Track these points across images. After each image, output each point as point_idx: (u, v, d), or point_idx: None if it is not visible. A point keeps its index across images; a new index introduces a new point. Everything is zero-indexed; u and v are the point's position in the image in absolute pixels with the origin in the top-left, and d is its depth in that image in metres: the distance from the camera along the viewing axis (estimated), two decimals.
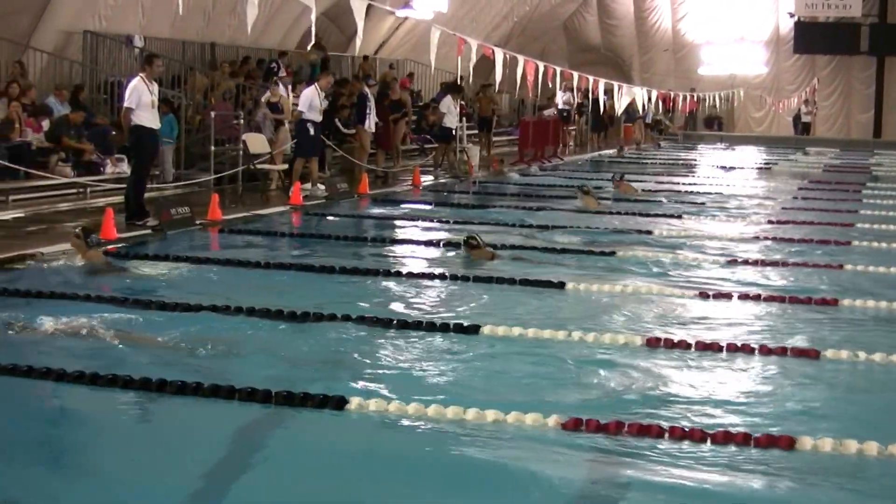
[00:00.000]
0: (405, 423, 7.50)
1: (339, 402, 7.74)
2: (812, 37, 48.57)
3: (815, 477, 6.72)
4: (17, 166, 17.46)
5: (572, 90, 37.28)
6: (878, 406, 8.40)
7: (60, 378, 8.22)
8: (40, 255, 13.11)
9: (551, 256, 14.47)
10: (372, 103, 24.06)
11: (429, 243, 15.43)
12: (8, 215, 16.18)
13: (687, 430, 7.37)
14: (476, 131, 32.88)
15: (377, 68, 33.51)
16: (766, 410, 8.10)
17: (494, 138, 35.28)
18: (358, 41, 20.69)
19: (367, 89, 24.24)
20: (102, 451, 6.92)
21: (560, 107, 37.00)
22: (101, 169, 19.35)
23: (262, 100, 21.78)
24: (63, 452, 6.84)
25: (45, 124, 19.22)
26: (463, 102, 30.13)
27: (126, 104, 15.91)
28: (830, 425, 7.68)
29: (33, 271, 12.51)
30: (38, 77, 21.58)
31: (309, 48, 25.67)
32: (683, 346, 9.71)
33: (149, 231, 15.31)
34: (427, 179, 24.91)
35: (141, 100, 15.81)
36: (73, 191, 18.65)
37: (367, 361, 9.15)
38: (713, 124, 51.54)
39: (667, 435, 7.30)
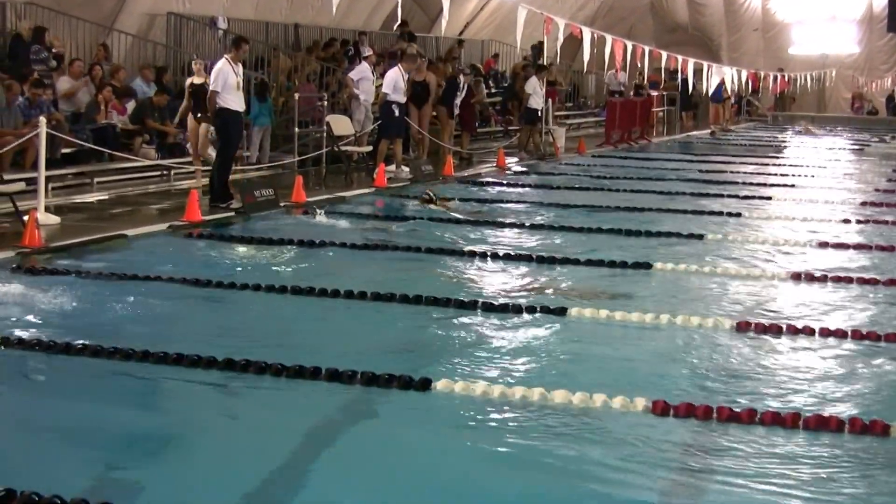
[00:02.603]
0: (491, 405, 7.40)
1: (425, 384, 7.66)
2: None
3: None
4: (102, 148, 17.55)
5: (626, 70, 36.53)
6: None
7: (144, 358, 8.21)
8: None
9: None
10: (462, 90, 24.06)
11: (511, 224, 15.30)
12: (93, 197, 16.27)
13: (780, 414, 7.20)
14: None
15: (462, 51, 33.34)
16: (860, 396, 7.92)
17: (581, 120, 35.05)
18: (444, 22, 20.61)
19: (462, 77, 24.17)
20: (187, 433, 6.89)
21: (613, 88, 36.36)
22: (185, 151, 19.40)
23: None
24: (145, 434, 6.81)
25: (130, 106, 19.30)
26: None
27: (212, 87, 15.96)
28: None
29: (119, 252, 12.55)
30: (123, 59, 21.70)
31: (396, 27, 25.61)
32: (774, 329, 9.51)
33: (233, 213, 15.31)
34: (512, 161, 24.74)
35: (227, 82, 15.85)
36: (157, 173, 18.72)
37: (453, 343, 9.10)
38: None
39: (758, 419, 7.14)
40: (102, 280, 10.99)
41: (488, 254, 13.02)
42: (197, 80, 18.83)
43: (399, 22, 21.72)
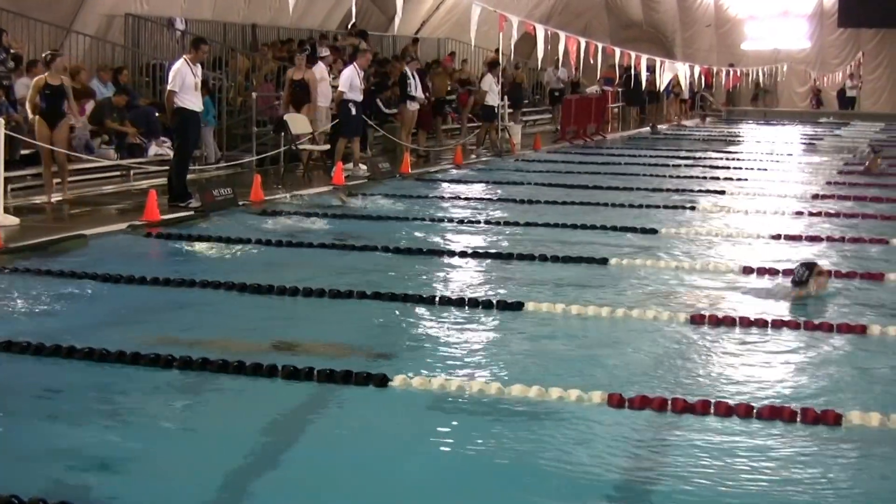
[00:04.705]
0: (448, 399, 7.51)
1: (382, 380, 7.75)
2: (856, 10, 48.02)
3: (863, 452, 6.70)
4: (61, 150, 17.51)
5: (566, 67, 36.45)
6: None
7: (102, 358, 8.27)
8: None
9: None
10: (415, 82, 24.02)
11: (470, 221, 15.44)
12: (52, 198, 16.25)
13: (734, 405, 7.33)
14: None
15: (418, 50, 33.38)
16: (813, 386, 8.05)
17: (537, 116, 35.23)
18: (397, 20, 20.73)
19: (407, 68, 24.21)
20: (146, 432, 6.92)
21: (553, 86, 36.29)
22: (144, 151, 19.42)
23: (288, 76, 21.34)
24: (102, 434, 6.83)
25: (89, 107, 19.28)
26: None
27: (170, 86, 16.03)
28: (878, 400, 7.65)
29: (78, 252, 12.60)
30: (81, 61, 21.63)
31: (349, 27, 25.66)
32: (728, 322, 9.68)
33: (191, 213, 15.37)
34: (469, 158, 24.87)
35: (185, 82, 15.91)
36: (117, 173, 18.72)
37: (410, 339, 9.22)
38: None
39: (712, 410, 7.27)
40: (61, 280, 11.04)
41: (445, 250, 13.15)
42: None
43: (352, 22, 21.79)
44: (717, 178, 21.55)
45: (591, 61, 30.80)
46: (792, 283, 10.72)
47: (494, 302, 10.25)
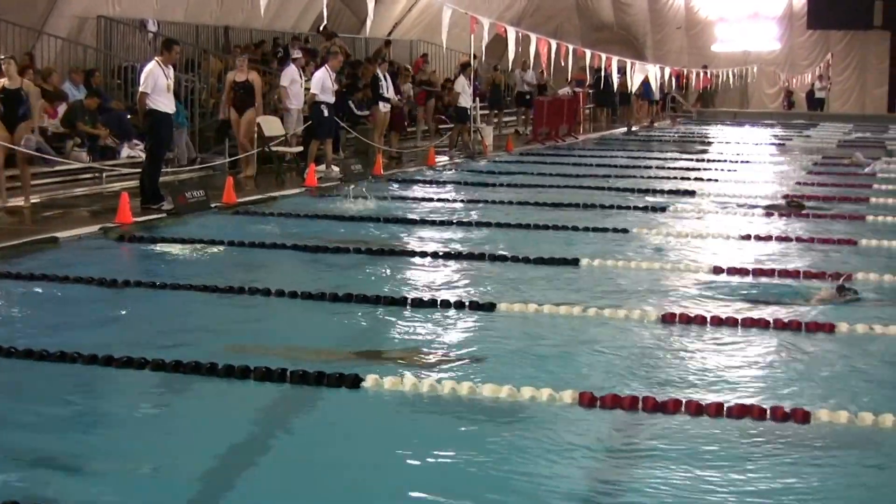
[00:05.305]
0: (420, 400, 7.56)
1: (355, 381, 7.79)
2: (825, 12, 48.30)
3: (831, 450, 6.76)
4: (33, 152, 17.47)
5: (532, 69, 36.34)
6: (893, 378, 8.43)
7: (75, 360, 8.30)
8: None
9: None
10: (387, 83, 24.06)
11: (442, 222, 15.49)
12: (24, 201, 16.21)
13: (704, 404, 7.40)
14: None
15: (390, 52, 33.41)
16: (782, 385, 8.12)
17: (510, 118, 35.30)
18: (368, 22, 20.73)
19: (378, 70, 24.25)
20: (120, 434, 6.94)
21: (522, 89, 36.30)
22: (117, 154, 19.40)
23: (230, 79, 20.95)
24: (77, 436, 6.86)
25: (61, 110, 19.26)
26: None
27: (142, 88, 16.03)
28: (846, 398, 7.72)
29: (50, 255, 12.59)
30: (53, 63, 21.59)
31: (320, 29, 25.63)
32: (699, 321, 9.76)
33: (164, 215, 15.37)
34: (442, 160, 24.94)
35: (157, 84, 15.92)
36: (89, 176, 18.69)
37: (383, 340, 9.26)
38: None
39: (683, 409, 7.34)
40: (32, 282, 11.05)
41: (418, 251, 13.19)
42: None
43: (323, 24, 21.76)
44: (688, 179, 21.65)
45: (563, 63, 30.85)
46: (837, 290, 10.73)
47: (467, 303, 10.30)
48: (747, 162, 26.64)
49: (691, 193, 19.44)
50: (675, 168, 24.17)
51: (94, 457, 6.48)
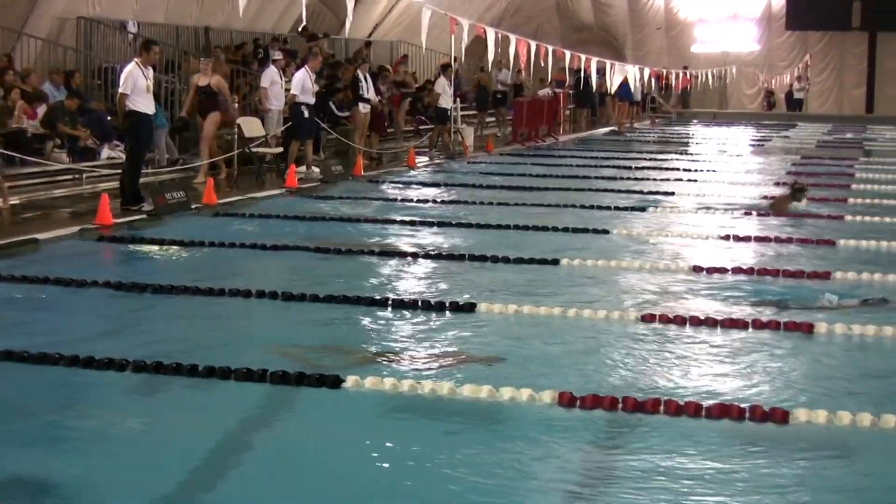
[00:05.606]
0: (401, 400, 7.57)
1: (335, 381, 7.81)
2: (804, 13, 48.59)
3: (810, 450, 6.78)
4: (12, 153, 17.47)
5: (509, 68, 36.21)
6: (871, 378, 8.46)
7: (56, 362, 8.28)
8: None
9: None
10: (367, 84, 24.07)
11: (422, 223, 15.51)
12: (3, 202, 16.17)
13: (684, 404, 7.43)
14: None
15: (370, 53, 33.43)
16: (762, 384, 8.15)
17: (490, 119, 35.36)
18: (348, 23, 20.77)
19: (359, 71, 24.26)
20: (101, 436, 6.93)
21: (496, 88, 36.27)
22: (97, 155, 19.37)
23: (193, 81, 20.85)
24: (58, 437, 6.85)
25: (41, 111, 19.22)
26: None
27: (121, 89, 16.01)
28: (823, 398, 7.76)
29: (30, 256, 12.58)
30: (33, 64, 21.57)
31: (299, 30, 25.61)
32: (678, 321, 9.80)
33: (144, 216, 15.36)
34: (422, 161, 24.97)
35: (136, 85, 15.91)
36: (69, 177, 18.66)
37: (363, 341, 9.26)
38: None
39: (662, 409, 7.36)
40: (12, 284, 11.03)
41: (398, 251, 13.21)
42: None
43: (302, 25, 21.75)
44: (668, 180, 21.73)
45: (542, 64, 30.91)
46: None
47: (447, 303, 10.33)
48: (727, 162, 26.72)
49: (671, 194, 19.51)
50: (655, 168, 24.28)
51: (76, 456, 6.48)
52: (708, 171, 24.32)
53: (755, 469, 6.48)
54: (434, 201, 18.16)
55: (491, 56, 26.79)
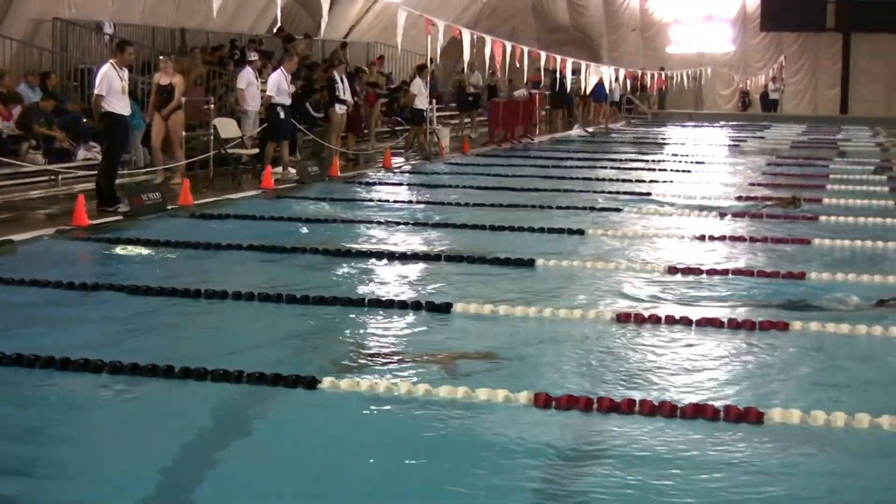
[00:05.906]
0: (377, 401, 7.57)
1: (311, 382, 7.81)
2: (778, 14, 48.90)
3: (785, 450, 6.82)
4: None
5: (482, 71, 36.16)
6: (845, 376, 8.53)
7: (32, 363, 8.26)
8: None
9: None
10: (342, 84, 24.04)
11: (398, 223, 15.53)
12: None
13: (658, 404, 7.46)
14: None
15: (346, 53, 33.42)
16: (736, 384, 8.20)
17: (467, 119, 35.40)
18: (323, 24, 20.78)
19: (335, 72, 24.26)
20: (77, 438, 6.94)
21: (470, 90, 36.20)
22: (73, 156, 19.33)
23: (154, 81, 20.40)
24: (39, 437, 6.85)
25: (17, 112, 19.17)
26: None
27: (96, 91, 15.97)
28: (799, 397, 7.81)
29: (5, 258, 12.54)
30: (8, 65, 21.49)
31: (275, 31, 25.60)
32: (653, 320, 9.84)
33: (120, 217, 15.33)
34: (398, 161, 24.98)
35: (112, 86, 15.88)
36: (45, 178, 18.62)
37: (339, 341, 9.27)
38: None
39: (637, 409, 7.39)
40: None
41: (374, 252, 13.22)
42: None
43: (278, 27, 21.73)
44: (643, 181, 21.80)
45: (518, 65, 30.98)
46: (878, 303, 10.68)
47: (423, 303, 10.35)
48: (702, 163, 26.81)
49: (647, 194, 19.57)
50: (630, 169, 24.34)
51: (53, 458, 6.48)
52: (683, 171, 24.40)
53: (730, 469, 6.50)
54: (410, 202, 18.18)
55: (467, 57, 26.82)
